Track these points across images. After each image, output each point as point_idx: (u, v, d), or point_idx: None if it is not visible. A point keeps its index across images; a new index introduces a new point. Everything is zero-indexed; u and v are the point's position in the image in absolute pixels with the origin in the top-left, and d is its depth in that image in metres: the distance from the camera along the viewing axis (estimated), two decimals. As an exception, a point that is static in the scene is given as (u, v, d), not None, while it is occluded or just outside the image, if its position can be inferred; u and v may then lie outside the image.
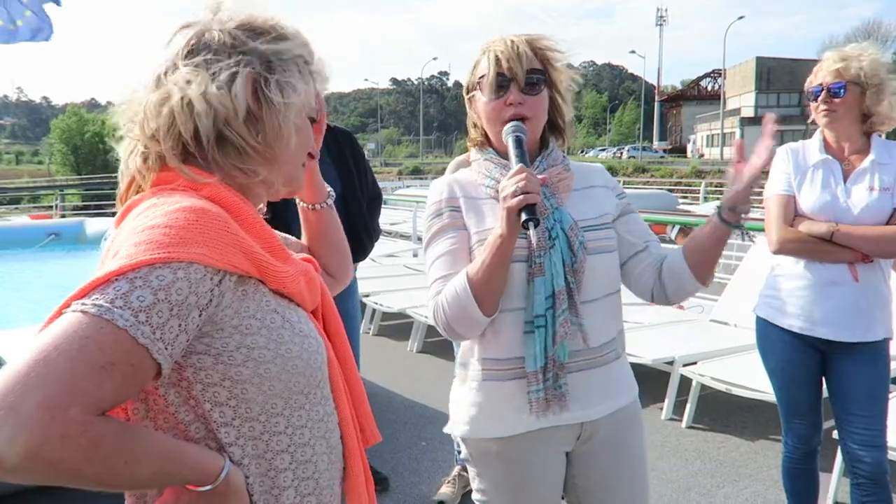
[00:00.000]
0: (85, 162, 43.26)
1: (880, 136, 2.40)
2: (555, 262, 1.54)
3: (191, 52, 1.00)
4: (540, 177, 1.51)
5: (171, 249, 0.86)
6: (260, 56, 1.01)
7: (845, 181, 2.34)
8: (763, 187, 2.46)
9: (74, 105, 51.99)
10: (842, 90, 2.29)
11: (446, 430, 1.76)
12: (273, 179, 1.05)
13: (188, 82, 0.97)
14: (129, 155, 1.02)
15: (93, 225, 9.41)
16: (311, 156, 1.16)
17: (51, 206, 18.51)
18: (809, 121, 2.44)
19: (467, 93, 1.72)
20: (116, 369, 0.81)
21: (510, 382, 1.59)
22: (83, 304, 0.82)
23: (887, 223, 2.27)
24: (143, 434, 0.86)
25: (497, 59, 1.59)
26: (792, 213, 2.38)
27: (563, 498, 1.76)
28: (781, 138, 2.50)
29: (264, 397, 0.96)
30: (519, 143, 1.55)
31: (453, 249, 1.61)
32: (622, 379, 1.70)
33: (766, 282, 2.54)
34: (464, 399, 1.67)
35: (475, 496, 1.74)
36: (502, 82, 1.59)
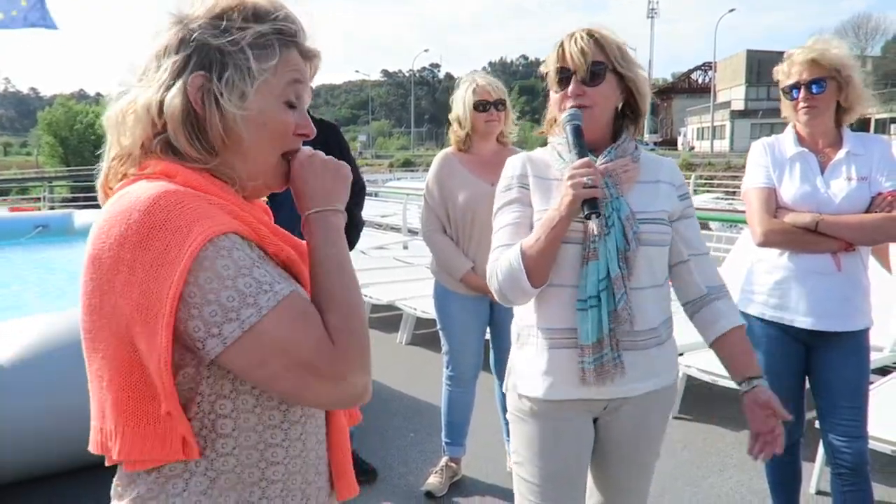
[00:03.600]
0: (74, 153, 42.91)
1: (850, 128, 2.44)
2: (609, 249, 1.65)
3: (162, 54, 1.00)
4: (600, 167, 1.66)
5: (200, 230, 0.88)
6: (214, 52, 0.98)
7: (822, 173, 2.36)
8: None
9: (63, 96, 51.59)
10: (822, 86, 2.31)
11: (504, 388, 1.89)
12: (235, 175, 1.03)
13: (140, 90, 1.00)
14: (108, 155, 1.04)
15: (81, 217, 9.37)
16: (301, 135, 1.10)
17: (39, 198, 18.39)
18: (783, 116, 2.47)
19: (545, 84, 1.83)
20: (309, 314, 0.95)
21: (561, 351, 1.72)
22: (259, 308, 0.89)
23: (866, 212, 2.30)
24: (327, 300, 0.99)
25: (560, 54, 1.72)
26: (774, 206, 2.40)
27: None
28: (771, 130, 2.52)
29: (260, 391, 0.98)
30: (577, 131, 1.67)
31: (516, 222, 1.74)
32: (661, 364, 1.80)
33: (746, 276, 2.56)
34: (519, 360, 1.81)
35: (513, 452, 1.89)
36: (563, 76, 1.72)
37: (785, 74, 2.39)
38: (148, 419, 0.92)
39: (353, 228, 3.28)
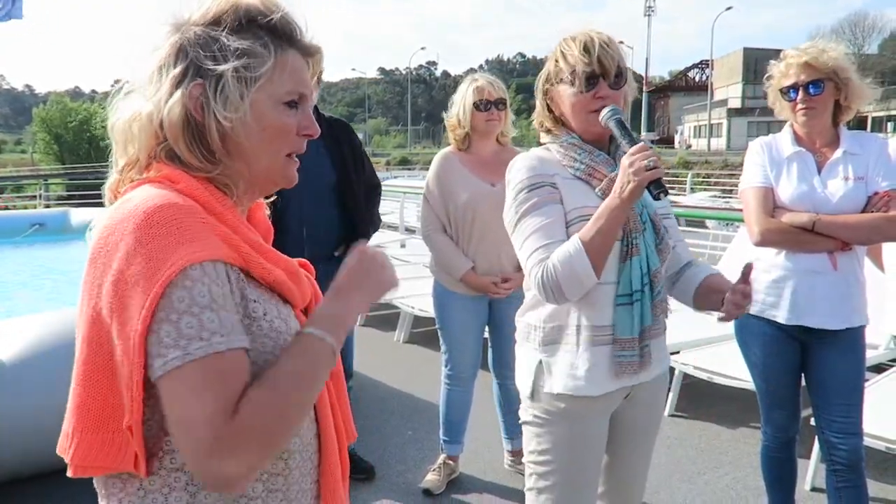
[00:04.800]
0: (69, 151, 42.81)
1: (845, 126, 2.45)
2: (648, 244, 1.74)
3: (165, 65, 1.01)
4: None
5: (179, 258, 0.89)
6: (209, 61, 0.99)
7: (819, 172, 2.38)
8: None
9: (57, 94, 51.44)
10: (820, 87, 2.32)
11: (521, 388, 1.87)
12: (236, 184, 1.04)
13: (142, 101, 1.01)
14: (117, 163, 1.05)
15: (78, 215, 9.34)
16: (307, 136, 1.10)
17: (35, 196, 18.34)
18: (782, 117, 2.48)
19: (546, 83, 1.83)
20: (236, 376, 0.91)
21: (601, 347, 1.76)
22: (186, 353, 0.88)
23: (863, 211, 2.32)
24: (267, 379, 0.93)
25: (589, 55, 1.73)
26: (772, 205, 2.41)
27: None
28: (768, 129, 2.53)
29: None
30: (623, 124, 1.72)
31: (551, 222, 1.73)
32: (665, 349, 1.94)
33: (744, 274, 2.57)
34: (552, 361, 1.80)
35: (531, 458, 1.87)
36: (592, 77, 1.74)
37: (782, 75, 2.39)
38: (107, 428, 0.94)
39: (370, 227, 3.28)
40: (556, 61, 1.79)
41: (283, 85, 1.03)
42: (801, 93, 2.34)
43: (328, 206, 3.13)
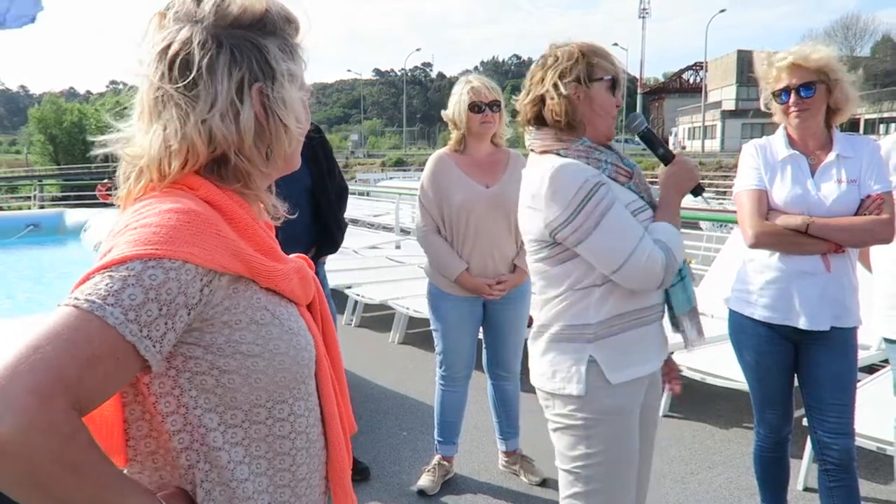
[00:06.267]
0: (64, 152, 42.66)
1: (839, 128, 2.47)
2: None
3: (179, 65, 0.97)
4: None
5: (162, 247, 0.88)
6: (258, 59, 0.99)
7: (813, 175, 2.40)
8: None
9: (52, 94, 51.29)
10: (812, 89, 2.34)
11: (567, 391, 1.87)
12: (273, 173, 1.07)
13: (187, 115, 0.96)
14: (127, 172, 1.03)
15: (72, 216, 9.33)
16: None
17: (29, 197, 18.28)
18: (776, 120, 2.50)
19: (575, 81, 1.85)
20: (101, 363, 0.83)
21: (652, 325, 1.92)
22: (76, 298, 0.84)
23: (855, 214, 2.34)
24: (102, 453, 0.86)
25: (620, 65, 1.91)
26: (765, 208, 2.42)
27: None
28: (762, 130, 2.55)
29: (249, 388, 0.99)
30: (651, 130, 1.96)
31: (629, 217, 1.83)
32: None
33: (737, 275, 2.59)
34: (614, 352, 1.85)
35: (577, 463, 1.88)
36: (620, 84, 1.90)
37: (774, 79, 2.41)
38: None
39: (338, 231, 3.32)
40: (590, 61, 1.86)
41: (303, 79, 1.07)
42: (792, 95, 2.36)
43: (303, 210, 3.16)
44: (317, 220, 3.24)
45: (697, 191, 2.00)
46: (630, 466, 1.89)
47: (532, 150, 1.94)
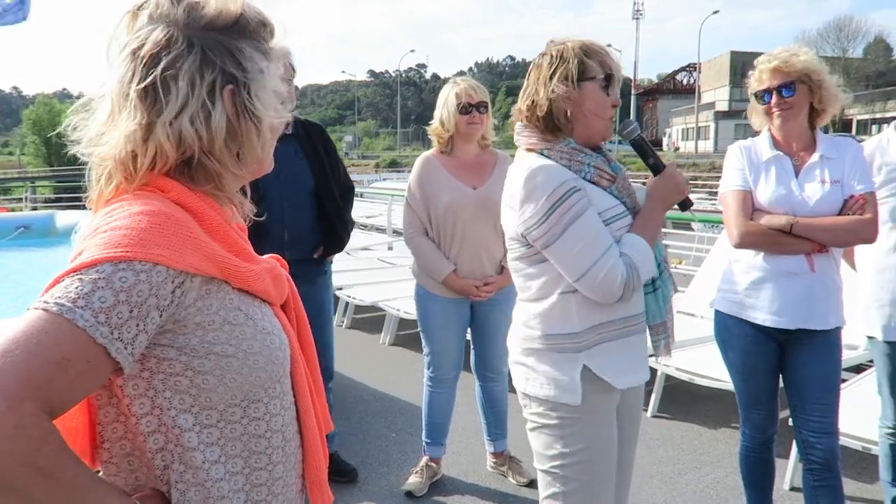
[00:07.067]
0: (57, 153, 42.51)
1: (823, 130, 2.49)
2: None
3: (149, 66, 0.96)
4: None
5: (132, 249, 0.88)
6: (231, 62, 1.00)
7: (797, 175, 2.41)
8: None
9: (46, 95, 51.14)
10: (792, 89, 2.36)
11: (568, 400, 1.85)
12: (244, 175, 1.06)
13: (156, 116, 0.96)
14: (98, 174, 1.02)
15: (63, 218, 9.30)
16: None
17: (21, 199, 18.21)
18: (755, 127, 2.52)
19: (565, 80, 1.82)
20: (71, 366, 0.83)
21: (639, 336, 1.91)
22: (45, 302, 0.84)
23: (839, 214, 2.35)
24: (76, 456, 0.86)
25: (617, 62, 1.89)
26: (750, 208, 2.44)
27: None
28: (756, 132, 2.57)
29: (224, 388, 0.99)
30: (644, 137, 1.95)
31: (599, 225, 1.80)
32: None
33: (723, 276, 2.60)
34: (603, 360, 1.84)
35: (555, 463, 1.88)
36: (615, 83, 1.88)
37: (757, 82, 2.44)
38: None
39: (344, 230, 3.31)
40: (582, 61, 1.82)
41: (277, 82, 1.07)
42: (774, 96, 2.38)
43: (308, 210, 3.17)
44: (322, 220, 3.23)
45: (685, 205, 1.97)
46: (608, 464, 1.89)
47: (520, 146, 1.94)
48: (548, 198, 1.75)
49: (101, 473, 1.01)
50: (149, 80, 0.95)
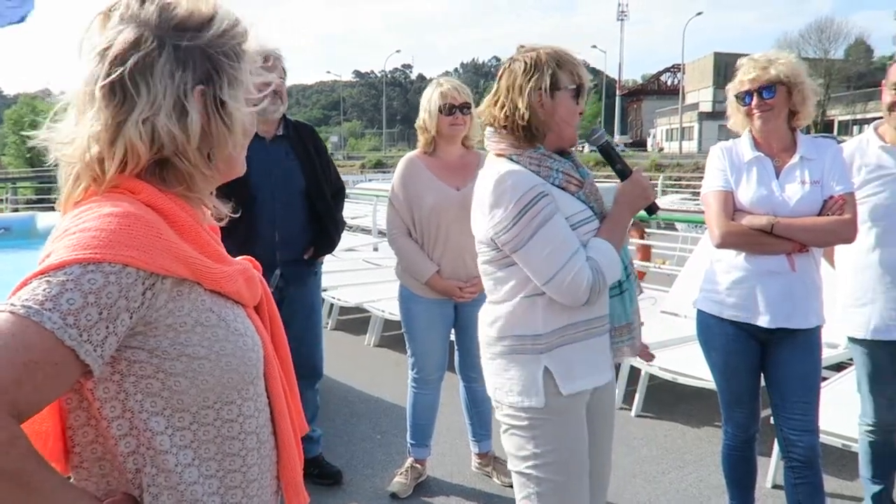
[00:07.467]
0: (39, 154, 41.96)
1: (805, 131, 2.52)
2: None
3: (118, 66, 0.95)
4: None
5: (101, 251, 0.87)
6: (203, 62, 0.99)
7: (777, 176, 2.43)
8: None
9: (27, 95, 50.59)
10: (773, 91, 2.38)
11: (518, 400, 1.87)
12: (215, 176, 1.06)
13: (126, 116, 0.95)
14: (66, 175, 1.01)
15: (45, 219, 9.19)
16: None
17: (1, 200, 18.00)
18: (735, 129, 2.55)
19: (539, 88, 1.85)
20: (39, 369, 0.82)
21: (601, 338, 1.92)
22: (13, 304, 0.83)
23: (819, 215, 2.38)
24: (44, 461, 0.85)
25: (585, 71, 1.92)
26: (732, 208, 2.46)
27: None
28: (739, 133, 2.60)
29: (197, 391, 0.98)
30: (611, 144, 1.97)
31: (567, 230, 1.82)
32: None
33: (705, 275, 2.62)
34: (566, 362, 1.86)
35: (527, 464, 1.89)
36: (584, 92, 1.91)
37: (738, 83, 2.46)
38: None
39: (335, 230, 3.30)
40: (556, 70, 1.85)
41: (249, 84, 1.06)
42: (755, 97, 2.40)
43: (299, 211, 3.16)
44: (313, 221, 3.22)
45: (651, 210, 2.00)
46: (580, 463, 1.90)
47: (489, 151, 1.96)
48: (516, 203, 1.77)
49: (71, 478, 1.00)
50: (113, 77, 0.95)
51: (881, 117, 2.65)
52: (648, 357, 2.24)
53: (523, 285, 1.85)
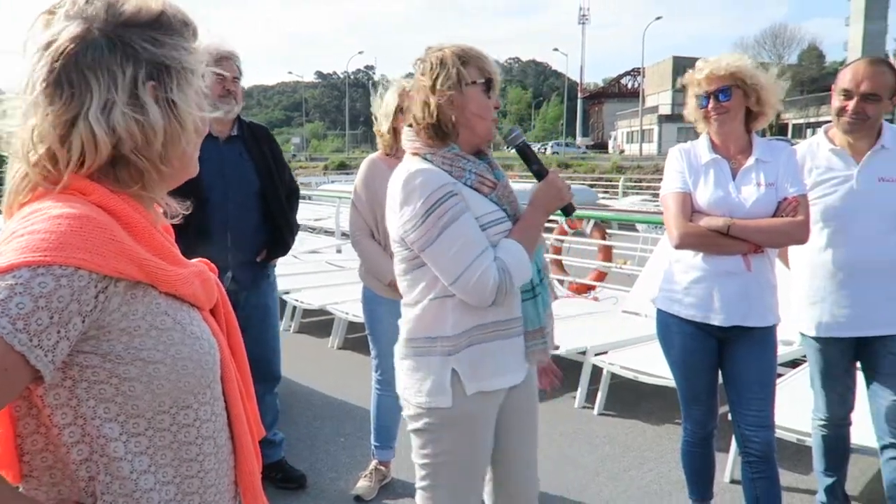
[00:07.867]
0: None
1: (760, 133, 2.58)
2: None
3: (64, 63, 0.93)
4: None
5: (52, 254, 0.85)
6: (153, 58, 0.98)
7: (734, 178, 2.49)
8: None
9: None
10: (728, 94, 2.43)
11: (422, 400, 1.88)
12: (168, 174, 1.03)
13: (76, 114, 0.93)
14: (11, 176, 0.98)
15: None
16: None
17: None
18: (698, 129, 2.60)
19: (445, 86, 1.83)
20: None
21: (514, 339, 1.92)
22: None
23: (773, 216, 2.43)
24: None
25: (495, 66, 1.91)
26: (689, 210, 2.51)
27: None
28: (697, 135, 2.65)
29: (152, 395, 0.97)
30: (528, 144, 1.99)
31: (475, 230, 1.81)
32: None
33: (664, 275, 2.67)
34: (474, 363, 1.86)
35: (426, 460, 1.93)
36: (495, 87, 1.90)
37: (695, 86, 2.51)
38: None
39: (289, 233, 3.27)
40: (462, 67, 1.84)
41: (199, 83, 1.05)
42: (711, 100, 2.45)
43: (252, 212, 3.12)
44: (267, 223, 3.19)
45: (568, 210, 2.00)
46: (476, 468, 1.94)
47: (406, 151, 1.96)
48: (424, 201, 1.77)
49: (21, 488, 0.97)
50: (54, 74, 0.92)
51: (832, 121, 2.72)
52: (549, 381, 2.19)
53: (432, 286, 1.85)
